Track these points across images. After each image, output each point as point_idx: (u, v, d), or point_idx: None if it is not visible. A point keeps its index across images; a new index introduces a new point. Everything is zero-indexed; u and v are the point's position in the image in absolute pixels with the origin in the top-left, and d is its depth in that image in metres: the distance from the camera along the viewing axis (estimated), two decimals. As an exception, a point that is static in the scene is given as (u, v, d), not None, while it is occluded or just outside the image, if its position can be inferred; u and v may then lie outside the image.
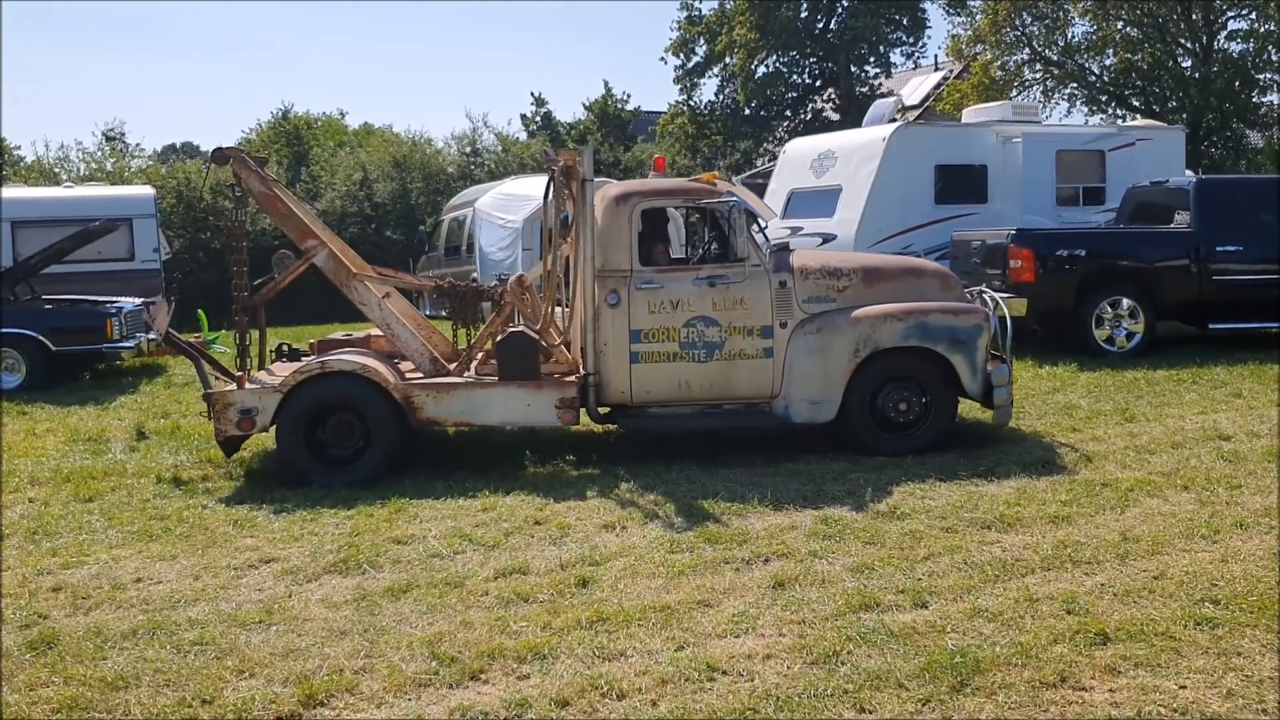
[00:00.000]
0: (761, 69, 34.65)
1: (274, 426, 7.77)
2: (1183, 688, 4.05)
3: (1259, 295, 12.69)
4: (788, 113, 35.70)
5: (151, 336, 13.76)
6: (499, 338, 8.08)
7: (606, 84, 41.04)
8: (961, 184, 15.73)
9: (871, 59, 34.55)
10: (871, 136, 15.71)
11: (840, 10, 33.85)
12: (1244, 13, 34.14)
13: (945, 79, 40.68)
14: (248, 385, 7.87)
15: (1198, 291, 12.72)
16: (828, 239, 15.16)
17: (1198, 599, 4.93)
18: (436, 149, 30.64)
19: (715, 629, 4.78)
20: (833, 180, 15.72)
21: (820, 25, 34.14)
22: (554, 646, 4.62)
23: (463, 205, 21.05)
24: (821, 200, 15.64)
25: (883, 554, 5.73)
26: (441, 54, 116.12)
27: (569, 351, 8.33)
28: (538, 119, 36.83)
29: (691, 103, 36.18)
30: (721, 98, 35.90)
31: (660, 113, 37.32)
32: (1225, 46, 34.47)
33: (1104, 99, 36.50)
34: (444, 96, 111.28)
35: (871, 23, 32.89)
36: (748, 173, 26.77)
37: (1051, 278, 12.46)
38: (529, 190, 18.24)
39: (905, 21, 34.27)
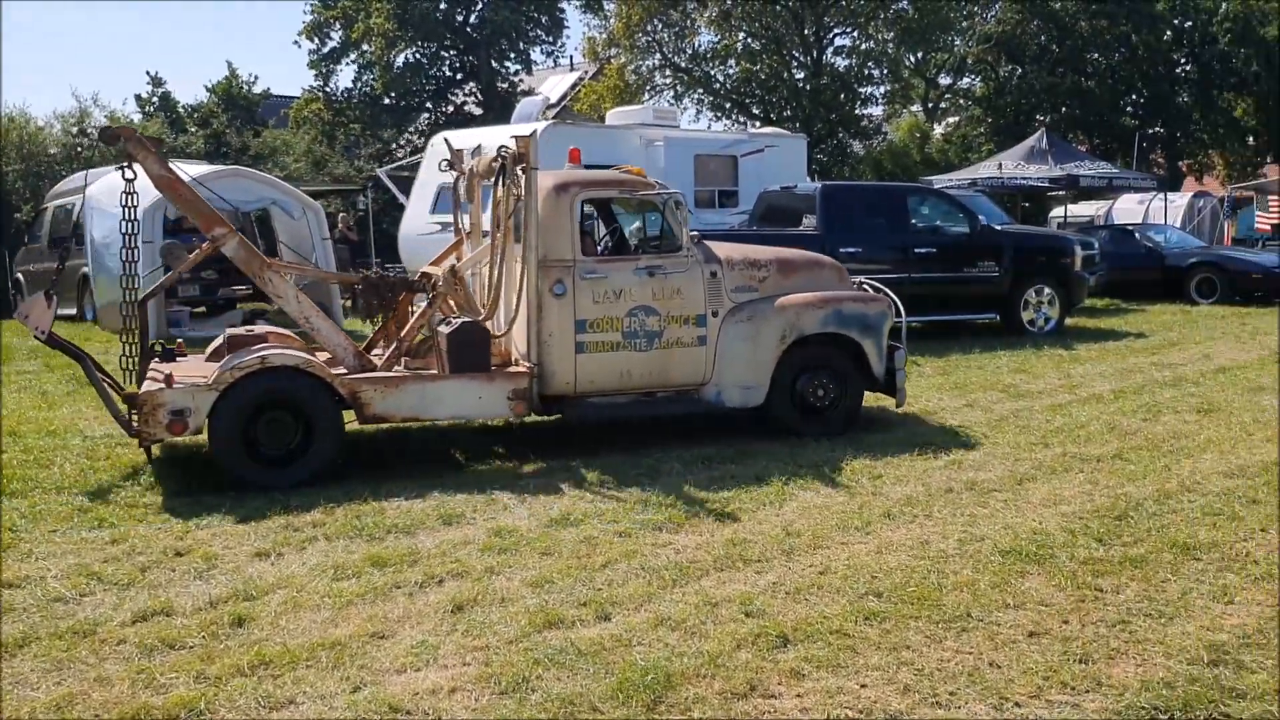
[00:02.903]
0: (401, 59, 33.89)
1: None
2: (863, 686, 4.16)
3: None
4: (429, 105, 35.15)
5: None
6: (449, 330, 7.77)
7: (230, 65, 38.61)
8: (608, 183, 15.98)
9: (512, 55, 34.69)
10: (521, 134, 15.62)
11: (480, 5, 33.70)
12: (848, 30, 37.27)
13: (581, 79, 41.62)
14: (177, 384, 7.18)
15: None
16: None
17: (862, 593, 5.13)
18: (38, 127, 27.55)
19: (393, 663, 4.43)
20: (483, 176, 15.49)
21: (460, 19, 33.83)
22: (212, 699, 4.10)
23: (71, 192, 18.98)
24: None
25: (560, 565, 5.58)
26: (45, 28, 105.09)
27: (501, 343, 8.18)
28: (155, 99, 34.00)
29: (327, 89, 34.79)
30: (359, 85, 34.77)
31: (294, 97, 35.60)
32: (833, 61, 37.46)
33: (728, 106, 38.67)
34: (48, 73, 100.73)
35: (511, 19, 33.00)
36: (392, 164, 26.02)
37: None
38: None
39: (545, 20, 34.65)
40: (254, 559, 5.75)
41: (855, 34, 37.29)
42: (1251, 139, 47.70)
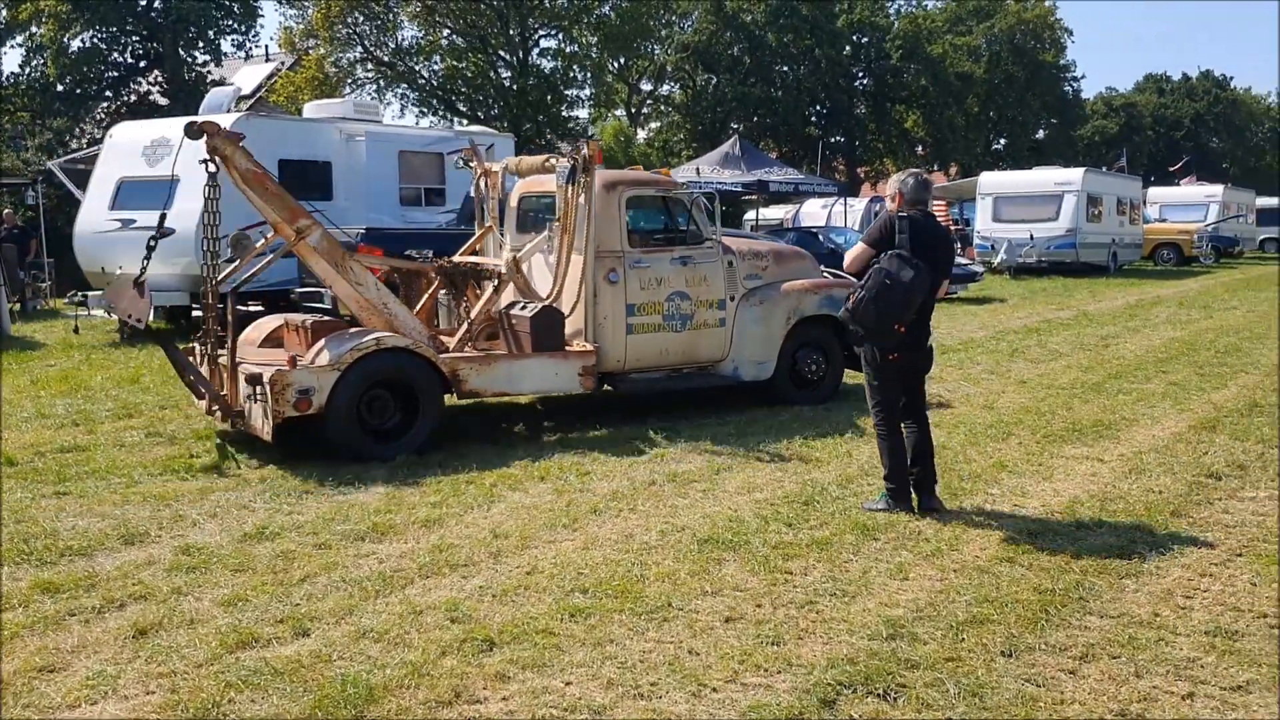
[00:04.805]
0: (76, 43, 31.38)
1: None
2: (568, 684, 4.18)
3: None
4: (109, 93, 32.73)
5: None
6: (533, 313, 8.56)
7: (-125, 43, 34.58)
8: (306, 179, 15.39)
9: (200, 44, 32.81)
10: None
11: (165, -12, 31.71)
12: (553, 32, 37.66)
13: (278, 70, 39.99)
14: (302, 365, 7.68)
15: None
16: (166, 233, 13.99)
17: (568, 590, 5.16)
18: None
19: (65, 698, 4.06)
20: (169, 170, 14.54)
21: (143, 2, 31.69)
22: None
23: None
24: (157, 190, 14.33)
25: (255, 581, 5.30)
26: None
27: None
28: None
29: (-11, 73, 31.75)
30: (28, 70, 31.92)
31: (-51, 81, 32.26)
32: (539, 62, 37.74)
33: (434, 102, 38.21)
34: None
35: (199, 5, 31.20)
36: (66, 156, 24.00)
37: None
38: None
39: (236, 9, 32.98)
40: (-102, 594, 5.14)
41: (560, 36, 37.76)
42: (920, 148, 52.01)
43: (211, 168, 7.87)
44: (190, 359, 8.29)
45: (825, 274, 10.32)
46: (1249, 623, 4.80)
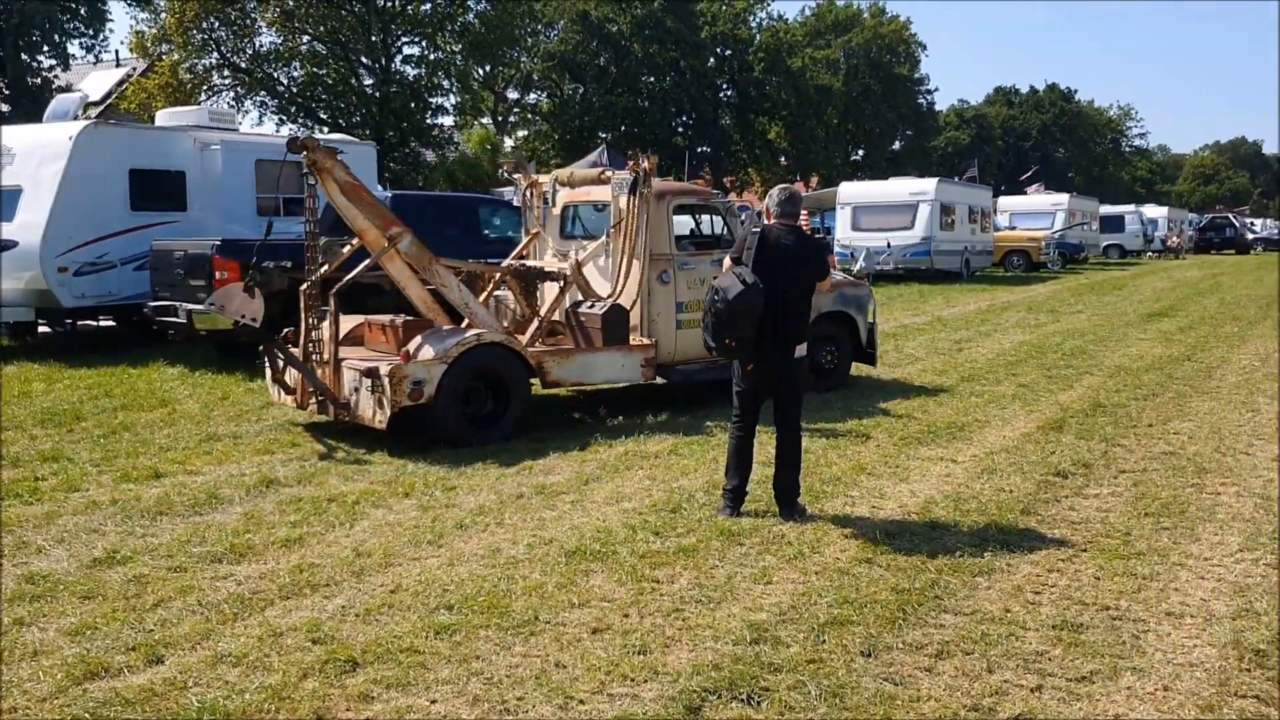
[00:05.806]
0: (-95, 44, 29.77)
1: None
2: (434, 702, 4.13)
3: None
4: (-57, 98, 31.11)
5: None
6: (604, 310, 9.39)
7: None
8: (159, 190, 14.89)
9: (45, 47, 31.45)
10: (56, 135, 14.17)
11: (4, -12, 30.30)
12: (416, 39, 37.20)
13: (129, 76, 38.63)
14: (414, 359, 8.35)
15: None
16: (7, 246, 13.38)
17: (433, 607, 5.10)
18: None
19: (-106, 742, 3.85)
20: (11, 180, 13.89)
21: (-19, 3, 30.23)
22: None
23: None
24: (-1, 202, 13.76)
25: (105, 609, 5.10)
26: None
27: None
28: None
29: None
30: None
31: None
32: (402, 69, 37.22)
33: (294, 110, 37.34)
34: None
35: (43, 7, 29.90)
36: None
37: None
38: None
39: (83, 11, 31.72)
40: None
41: (424, 44, 37.31)
42: (784, 159, 53.08)
43: (311, 180, 8.52)
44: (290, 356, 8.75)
45: (836, 274, 11.08)
46: (1093, 615, 5.03)
